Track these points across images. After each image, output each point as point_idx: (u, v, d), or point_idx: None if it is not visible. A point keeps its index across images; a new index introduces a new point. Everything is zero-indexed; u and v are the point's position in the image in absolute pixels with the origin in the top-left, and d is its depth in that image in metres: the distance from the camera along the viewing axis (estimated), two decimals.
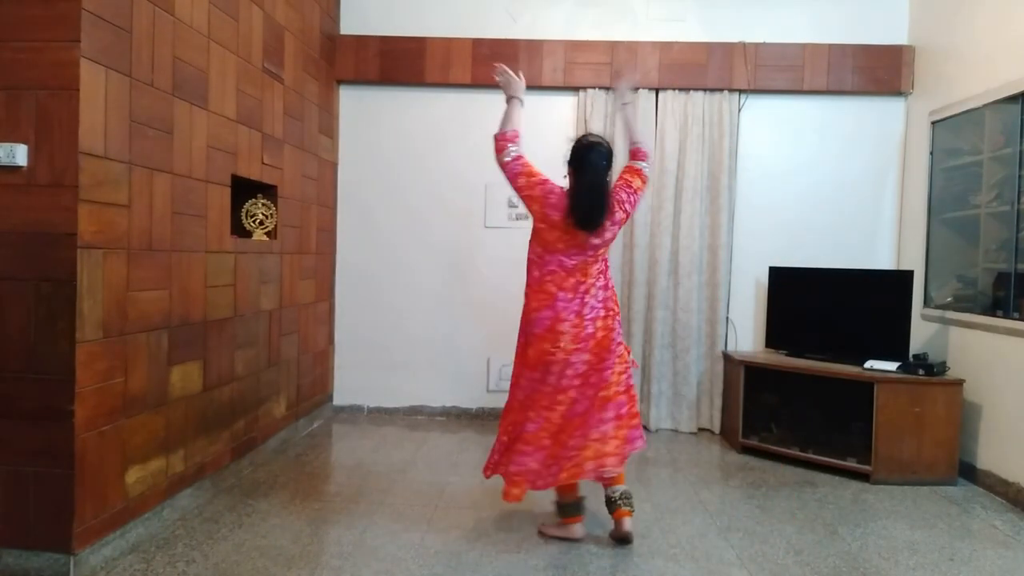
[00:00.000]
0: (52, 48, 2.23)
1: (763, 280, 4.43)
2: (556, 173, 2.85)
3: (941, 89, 4.04)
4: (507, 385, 2.87)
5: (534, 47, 4.48)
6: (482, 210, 4.61)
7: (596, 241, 2.65)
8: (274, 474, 3.43)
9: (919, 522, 3.06)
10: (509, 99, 2.87)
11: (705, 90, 4.45)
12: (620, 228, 2.74)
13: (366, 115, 4.64)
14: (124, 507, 2.51)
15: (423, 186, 4.63)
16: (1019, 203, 3.35)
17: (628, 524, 2.69)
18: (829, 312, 4.08)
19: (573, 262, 2.65)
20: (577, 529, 2.76)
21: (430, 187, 4.62)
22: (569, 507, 2.78)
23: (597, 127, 4.45)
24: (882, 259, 4.48)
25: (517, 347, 2.77)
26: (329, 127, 4.49)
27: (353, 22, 4.58)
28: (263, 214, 3.57)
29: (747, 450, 4.05)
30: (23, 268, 2.25)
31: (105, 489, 2.41)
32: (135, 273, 2.53)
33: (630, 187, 2.73)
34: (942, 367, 3.67)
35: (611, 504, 2.70)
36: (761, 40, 4.44)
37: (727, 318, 4.51)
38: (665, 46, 4.44)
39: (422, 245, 4.66)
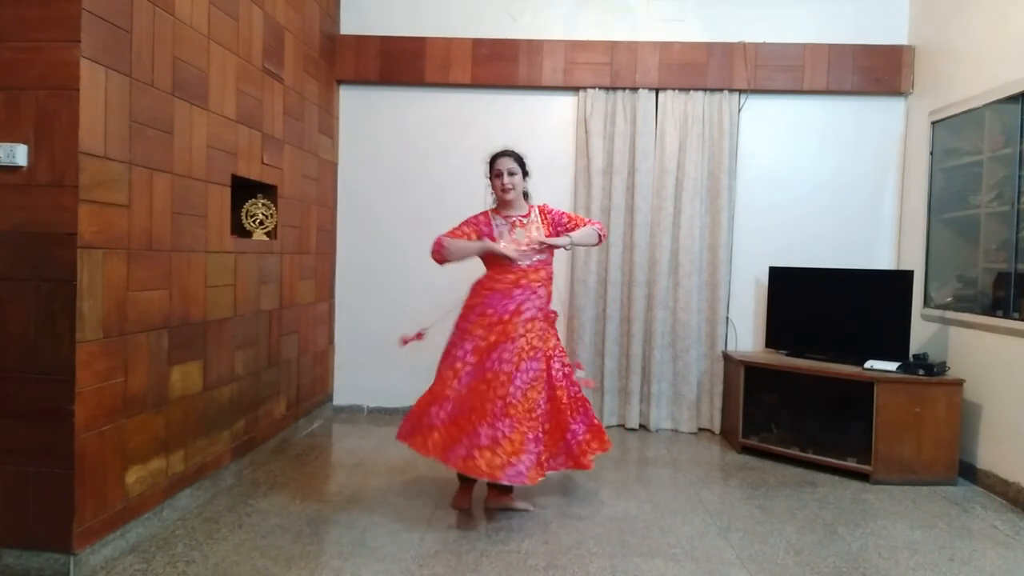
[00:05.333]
0: (52, 48, 2.23)
1: (763, 280, 4.43)
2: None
3: (941, 89, 4.04)
4: None
5: (534, 47, 4.48)
6: (481, 210, 4.60)
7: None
8: (274, 474, 3.43)
9: (919, 522, 3.06)
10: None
11: (705, 90, 4.45)
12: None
13: (366, 115, 4.64)
14: (124, 507, 2.51)
15: (423, 186, 4.63)
16: (1019, 203, 3.35)
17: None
18: (829, 312, 4.08)
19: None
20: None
21: (430, 187, 4.62)
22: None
23: (597, 127, 4.45)
24: (882, 259, 4.48)
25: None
26: (329, 127, 4.49)
27: (353, 22, 4.58)
28: (263, 214, 3.57)
29: (747, 450, 4.05)
30: (23, 268, 2.25)
31: (105, 489, 2.41)
32: (135, 273, 2.53)
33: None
34: (942, 367, 3.67)
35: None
36: (761, 40, 4.44)
37: (727, 318, 4.51)
38: (665, 46, 4.44)
39: (422, 245, 4.61)
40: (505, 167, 2.97)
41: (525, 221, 3.04)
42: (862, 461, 3.61)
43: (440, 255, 3.02)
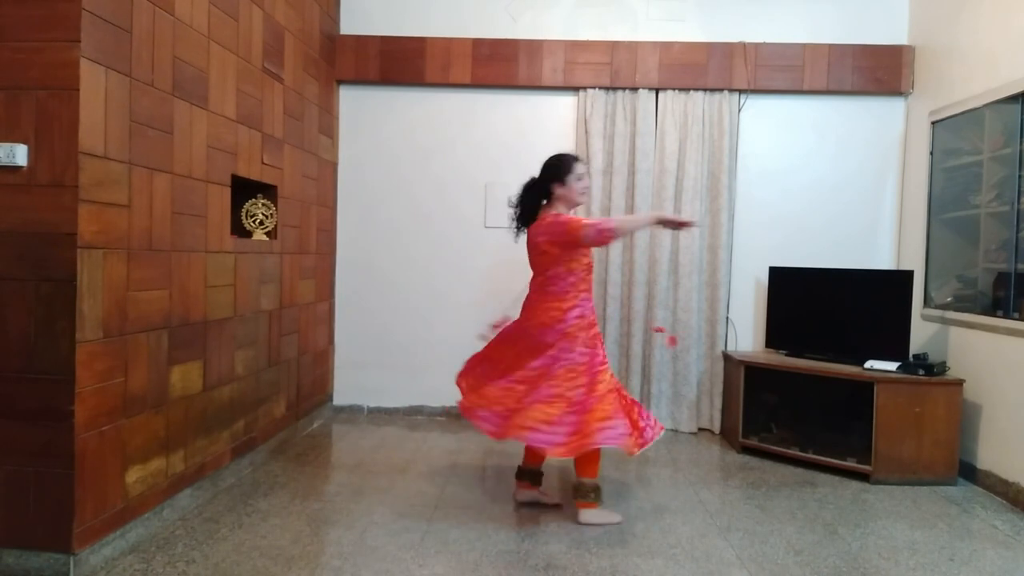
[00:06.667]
0: (52, 48, 2.23)
1: (763, 280, 4.43)
2: None
3: (941, 89, 4.04)
4: None
5: (534, 47, 4.48)
6: (482, 210, 4.61)
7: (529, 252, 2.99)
8: (274, 474, 3.43)
9: (919, 522, 3.06)
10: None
11: (705, 90, 4.45)
12: (545, 254, 2.89)
13: (366, 115, 4.64)
14: (124, 507, 2.51)
15: (423, 186, 4.63)
16: (1019, 203, 3.35)
17: (582, 515, 2.93)
18: (829, 312, 4.08)
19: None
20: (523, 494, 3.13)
21: (430, 187, 4.63)
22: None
23: (597, 127, 4.45)
24: (882, 259, 4.48)
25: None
26: (329, 127, 4.49)
27: (353, 22, 4.59)
28: (263, 214, 3.57)
29: (747, 450, 4.05)
30: (23, 268, 2.25)
31: (105, 489, 2.42)
32: (135, 273, 2.53)
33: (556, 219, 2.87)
34: (942, 367, 3.67)
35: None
36: (761, 40, 4.44)
37: (727, 318, 4.51)
38: (665, 46, 4.44)
39: (422, 245, 4.66)
40: (585, 171, 3.01)
41: None
42: (862, 461, 3.61)
43: (613, 234, 2.78)
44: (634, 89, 4.47)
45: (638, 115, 4.45)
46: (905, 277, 3.88)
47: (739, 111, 4.48)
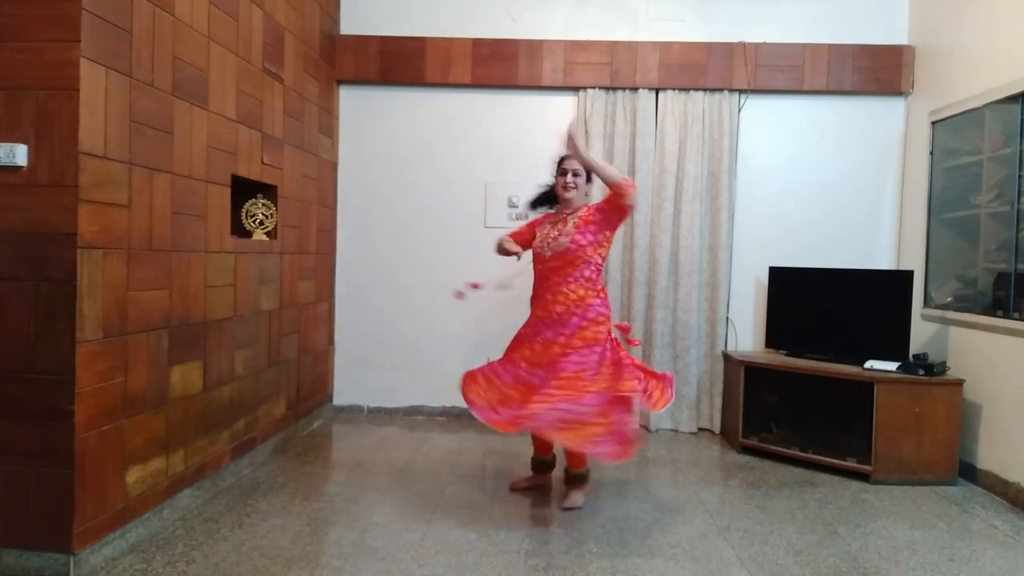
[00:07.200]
0: (52, 48, 2.23)
1: (763, 280, 4.43)
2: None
3: (941, 89, 4.04)
4: None
5: (534, 47, 4.48)
6: (482, 210, 4.61)
7: None
8: (274, 474, 3.43)
9: (919, 522, 3.06)
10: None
11: (705, 90, 4.45)
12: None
13: (366, 115, 4.64)
14: (124, 507, 2.51)
15: (423, 186, 4.63)
16: (1019, 203, 3.35)
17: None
18: (829, 312, 4.08)
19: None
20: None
21: (430, 187, 4.63)
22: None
23: (597, 127, 4.45)
24: (882, 259, 4.48)
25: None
26: (329, 127, 4.49)
27: (353, 22, 4.59)
28: (263, 214, 3.57)
29: (747, 450, 4.05)
30: (23, 268, 2.25)
31: (105, 489, 2.42)
32: (135, 273, 2.53)
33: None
34: (942, 367, 3.67)
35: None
36: (761, 40, 4.44)
37: (727, 318, 4.51)
38: (665, 46, 4.44)
39: (422, 246, 4.66)
40: (571, 167, 3.10)
41: (569, 217, 3.07)
42: (862, 461, 3.61)
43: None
44: (634, 89, 4.47)
45: (638, 115, 4.45)
46: (905, 277, 3.88)
47: (739, 111, 4.48)
